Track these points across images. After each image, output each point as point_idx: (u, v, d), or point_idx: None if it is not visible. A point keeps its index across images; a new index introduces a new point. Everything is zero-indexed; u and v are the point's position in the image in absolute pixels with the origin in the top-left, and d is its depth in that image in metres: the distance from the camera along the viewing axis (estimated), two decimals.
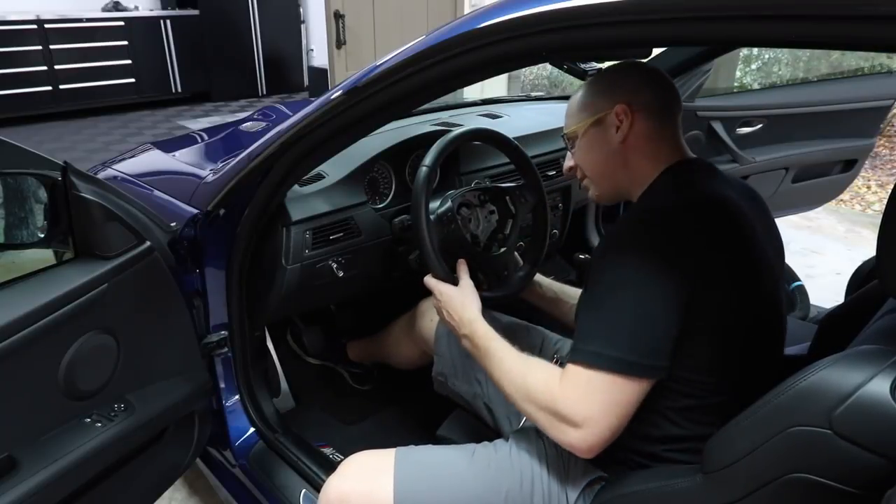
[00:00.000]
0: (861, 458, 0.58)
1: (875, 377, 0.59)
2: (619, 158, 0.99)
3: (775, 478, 0.64)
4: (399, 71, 0.86)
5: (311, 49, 7.52)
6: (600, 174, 1.03)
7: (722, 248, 0.87)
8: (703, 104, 2.21)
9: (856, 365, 0.61)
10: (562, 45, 0.71)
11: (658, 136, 0.97)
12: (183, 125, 5.98)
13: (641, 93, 0.97)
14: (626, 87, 0.98)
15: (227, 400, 1.39)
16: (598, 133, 0.99)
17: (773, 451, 0.65)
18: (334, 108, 0.96)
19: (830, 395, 0.61)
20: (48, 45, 5.79)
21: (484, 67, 0.81)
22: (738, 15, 0.56)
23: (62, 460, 0.96)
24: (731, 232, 0.90)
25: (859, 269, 1.30)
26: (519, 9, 0.70)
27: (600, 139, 1.00)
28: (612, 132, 0.98)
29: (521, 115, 1.93)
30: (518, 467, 0.99)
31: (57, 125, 5.88)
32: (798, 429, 0.62)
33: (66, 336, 0.98)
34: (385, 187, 1.52)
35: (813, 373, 0.64)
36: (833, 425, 0.60)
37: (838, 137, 2.28)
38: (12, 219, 1.06)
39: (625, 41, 0.66)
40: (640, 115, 0.96)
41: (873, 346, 0.65)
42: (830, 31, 0.51)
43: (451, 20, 0.83)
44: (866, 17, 0.49)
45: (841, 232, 3.65)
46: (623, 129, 0.96)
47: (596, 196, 1.07)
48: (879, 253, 0.65)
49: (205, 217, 1.22)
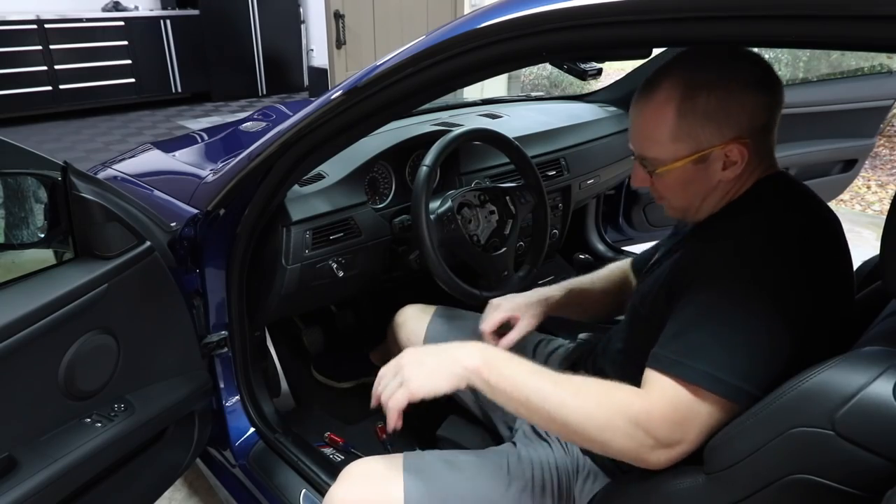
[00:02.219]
0: (863, 459, 0.58)
1: (878, 378, 0.59)
2: (715, 186, 0.86)
3: (777, 479, 0.64)
4: (399, 71, 0.86)
5: (311, 49, 7.52)
6: (686, 201, 0.89)
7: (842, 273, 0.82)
8: None
9: (859, 366, 0.61)
10: (561, 45, 0.70)
11: (763, 151, 0.86)
12: (183, 125, 5.97)
13: (758, 116, 0.81)
14: (742, 113, 0.80)
15: (227, 400, 1.39)
16: (698, 170, 0.84)
17: (776, 451, 0.65)
18: (334, 108, 0.96)
19: (833, 396, 0.60)
20: (48, 45, 5.78)
21: (484, 67, 0.81)
22: (739, 15, 0.56)
23: (62, 460, 0.96)
24: (844, 251, 0.83)
25: (859, 270, 1.29)
26: (519, 9, 0.70)
27: (699, 176, 0.84)
28: (715, 168, 0.83)
29: (521, 115, 1.93)
30: (529, 470, 0.98)
31: (57, 125, 5.88)
32: (800, 430, 0.62)
33: (66, 336, 0.97)
34: (385, 187, 1.52)
35: (815, 374, 0.63)
36: (836, 426, 0.60)
37: (838, 137, 2.28)
38: (12, 219, 1.06)
39: (625, 41, 0.66)
40: (753, 141, 0.82)
41: (876, 348, 0.65)
42: (830, 31, 0.51)
43: (451, 20, 0.83)
44: (866, 18, 0.49)
45: None
46: (735, 168, 0.82)
47: (668, 212, 0.94)
48: (883, 255, 0.65)
49: (205, 217, 1.22)
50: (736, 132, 0.80)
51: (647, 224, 2.42)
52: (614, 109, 2.12)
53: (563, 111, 2.02)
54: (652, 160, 0.87)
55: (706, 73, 0.79)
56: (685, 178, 0.85)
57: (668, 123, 0.81)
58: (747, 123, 0.80)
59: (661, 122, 0.82)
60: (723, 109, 0.79)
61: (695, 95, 0.79)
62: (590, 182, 1.93)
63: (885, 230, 0.64)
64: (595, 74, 1.30)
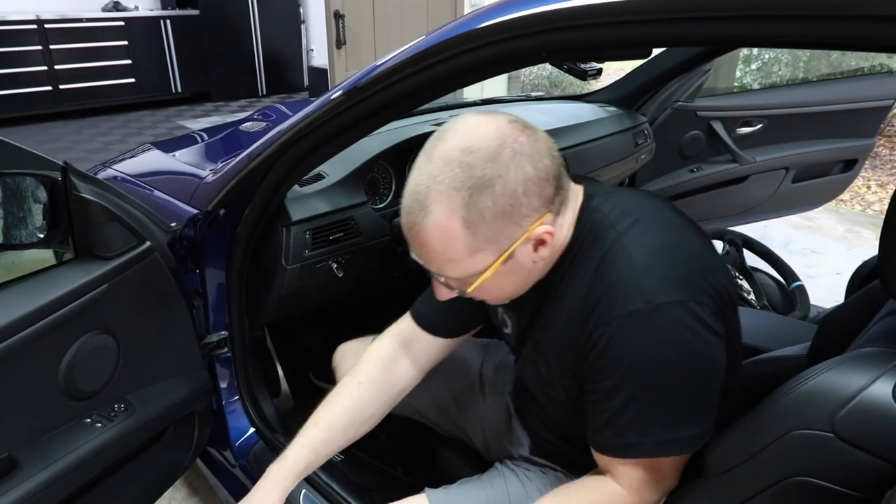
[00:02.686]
0: (863, 461, 0.58)
1: (877, 380, 0.58)
2: (534, 266, 0.79)
3: (776, 481, 0.64)
4: (399, 71, 0.86)
5: (311, 49, 7.52)
6: (510, 292, 0.83)
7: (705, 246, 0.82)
8: (703, 104, 2.21)
9: (858, 368, 0.61)
10: (561, 45, 0.70)
11: (565, 196, 0.79)
12: (183, 125, 5.97)
13: (547, 185, 0.73)
14: (531, 194, 0.72)
15: (226, 400, 1.39)
16: (511, 265, 0.76)
17: (775, 454, 0.64)
18: (334, 108, 0.96)
19: (832, 398, 0.60)
20: (48, 45, 5.78)
21: (484, 67, 0.81)
22: (739, 15, 0.56)
23: (62, 460, 0.96)
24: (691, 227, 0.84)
25: (859, 270, 1.29)
26: (519, 9, 0.70)
27: (514, 268, 0.77)
28: (527, 255, 0.76)
29: (521, 115, 1.92)
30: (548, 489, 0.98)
31: (57, 125, 5.88)
32: (800, 432, 0.62)
33: (67, 336, 0.97)
34: (385, 187, 1.52)
35: (814, 376, 0.63)
36: (835, 428, 0.59)
37: (838, 137, 2.28)
38: (12, 219, 1.06)
39: (625, 41, 0.66)
40: (554, 206, 0.76)
41: (875, 349, 0.64)
42: (830, 31, 0.51)
43: (452, 20, 0.83)
44: (866, 18, 0.49)
45: (841, 232, 3.64)
46: (548, 244, 0.76)
47: (492, 303, 0.89)
48: (882, 255, 0.65)
49: (205, 217, 1.22)
50: (534, 215, 0.73)
51: None
52: (614, 109, 2.12)
53: (564, 111, 2.02)
54: (457, 280, 0.78)
55: (478, 170, 0.69)
56: (499, 278, 0.77)
57: (460, 241, 0.72)
58: (540, 201, 0.73)
59: (451, 241, 0.72)
60: (511, 201, 0.71)
61: (477, 201, 0.70)
62: None
63: (884, 231, 0.64)
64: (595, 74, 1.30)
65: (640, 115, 2.18)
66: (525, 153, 0.71)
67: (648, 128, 2.17)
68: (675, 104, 2.20)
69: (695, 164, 2.30)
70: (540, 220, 0.73)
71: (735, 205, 2.39)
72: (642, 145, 2.12)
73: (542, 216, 0.73)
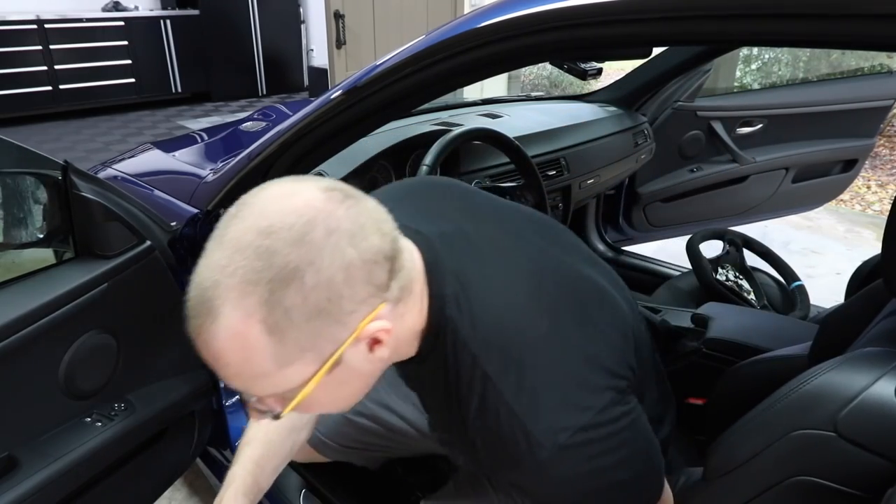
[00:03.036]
0: (866, 460, 0.58)
1: (880, 379, 0.59)
2: (374, 369, 0.64)
3: (779, 481, 0.64)
4: (399, 70, 0.86)
5: (311, 49, 7.52)
6: (346, 401, 0.66)
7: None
8: (703, 104, 2.21)
9: (860, 367, 0.61)
10: (562, 44, 0.70)
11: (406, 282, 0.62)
12: (183, 125, 5.97)
13: (378, 270, 0.57)
14: (356, 282, 0.55)
15: (227, 400, 1.38)
16: (340, 371, 0.58)
17: (777, 454, 0.64)
18: (334, 107, 0.96)
19: (835, 397, 0.60)
20: (48, 45, 5.78)
21: (484, 67, 0.81)
22: (739, 13, 0.56)
23: (62, 460, 0.96)
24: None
25: (859, 269, 1.29)
26: (519, 8, 0.70)
27: (345, 375, 0.59)
28: (360, 357, 0.59)
29: (521, 115, 1.93)
30: None
31: (57, 125, 5.88)
32: (802, 432, 0.62)
33: (67, 335, 0.97)
34: None
35: (816, 376, 0.63)
36: (838, 428, 0.59)
37: (838, 137, 2.28)
38: (12, 218, 1.06)
39: (625, 40, 0.66)
40: (390, 293, 0.59)
41: (877, 349, 0.64)
42: (830, 30, 0.51)
43: (452, 20, 0.83)
44: (866, 16, 0.49)
45: (841, 232, 3.64)
46: (386, 342, 0.59)
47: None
48: (885, 254, 0.65)
49: (205, 216, 1.21)
50: (363, 308, 0.56)
51: (648, 224, 2.42)
52: (614, 109, 2.12)
53: (564, 111, 2.02)
54: (270, 399, 0.60)
55: (281, 258, 0.52)
56: (328, 389, 0.59)
57: (264, 351, 0.54)
58: (369, 290, 0.56)
59: (251, 353, 0.54)
60: (328, 294, 0.53)
61: (281, 298, 0.52)
62: (590, 182, 1.93)
63: (887, 230, 0.64)
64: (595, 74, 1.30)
65: (641, 115, 2.18)
66: (343, 231, 0.54)
67: (648, 128, 2.17)
68: (675, 104, 2.20)
69: (695, 164, 2.30)
70: (372, 315, 0.57)
71: (735, 205, 2.39)
72: (642, 145, 2.12)
73: (374, 309, 0.57)
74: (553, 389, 0.63)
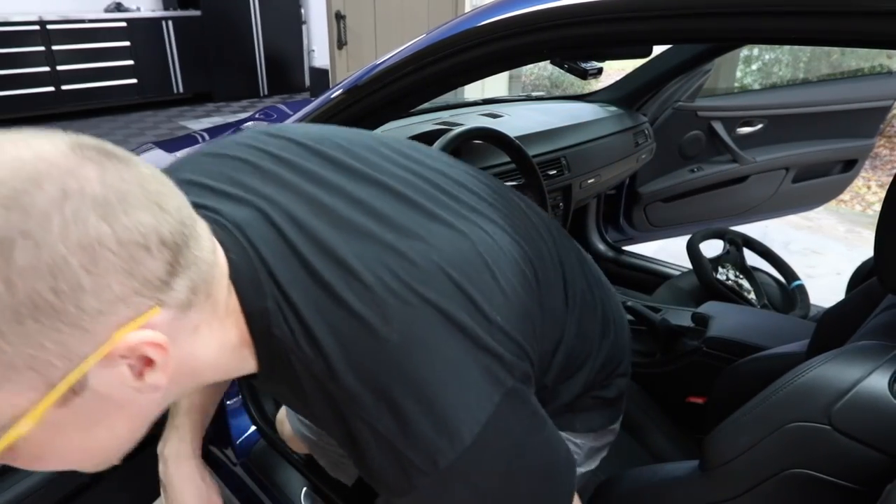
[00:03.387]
0: (860, 453, 0.59)
1: (874, 372, 0.59)
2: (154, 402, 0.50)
3: (774, 474, 0.64)
4: (400, 69, 0.86)
5: (312, 49, 7.53)
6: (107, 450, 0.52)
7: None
8: (703, 104, 2.21)
9: (854, 360, 0.61)
10: (562, 42, 0.71)
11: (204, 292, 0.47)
12: (184, 125, 5.99)
13: (150, 255, 0.41)
14: (108, 273, 0.39)
15: (228, 399, 1.39)
16: (84, 405, 0.42)
17: (772, 446, 0.65)
18: (335, 106, 0.96)
19: (829, 390, 0.61)
20: (50, 45, 5.80)
21: (484, 65, 0.81)
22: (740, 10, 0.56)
23: None
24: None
25: (859, 269, 1.30)
26: (519, 6, 0.71)
27: (95, 408, 0.43)
28: (121, 384, 0.43)
29: (522, 114, 1.93)
30: None
31: (59, 126, 5.83)
32: (796, 424, 0.62)
33: None
34: None
35: (811, 368, 0.64)
36: (832, 420, 0.60)
37: (838, 137, 2.28)
38: None
39: (626, 38, 0.66)
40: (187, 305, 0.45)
41: (872, 342, 0.65)
42: (831, 27, 0.52)
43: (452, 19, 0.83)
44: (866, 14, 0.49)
45: (841, 232, 3.64)
46: (161, 362, 0.43)
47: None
48: (877, 250, 0.65)
49: None
50: (119, 311, 0.40)
51: (648, 224, 2.42)
52: (615, 109, 2.13)
53: (564, 111, 2.03)
54: None
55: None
56: (64, 429, 0.43)
57: None
58: (132, 284, 0.40)
59: None
60: (52, 283, 0.37)
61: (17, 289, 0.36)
62: (590, 181, 1.93)
63: (879, 226, 0.64)
64: (595, 74, 1.31)
65: (641, 115, 2.19)
66: (89, 196, 0.38)
67: (649, 128, 2.17)
68: (675, 104, 2.21)
69: (695, 164, 2.31)
70: (136, 322, 0.41)
71: (735, 205, 2.39)
72: (643, 145, 2.12)
73: (141, 314, 0.41)
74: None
